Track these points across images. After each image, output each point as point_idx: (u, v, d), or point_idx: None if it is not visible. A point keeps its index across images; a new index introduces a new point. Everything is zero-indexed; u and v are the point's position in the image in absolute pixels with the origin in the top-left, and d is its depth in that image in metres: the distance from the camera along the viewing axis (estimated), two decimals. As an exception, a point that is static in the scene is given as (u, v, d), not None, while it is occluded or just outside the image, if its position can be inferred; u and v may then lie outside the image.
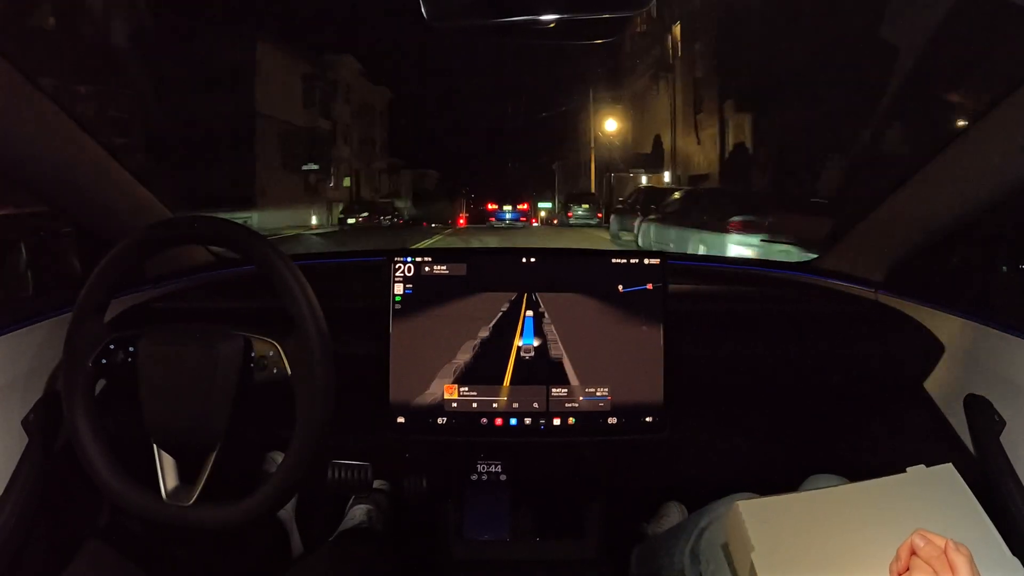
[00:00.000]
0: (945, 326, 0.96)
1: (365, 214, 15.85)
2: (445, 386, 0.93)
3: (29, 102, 0.76)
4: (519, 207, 13.68)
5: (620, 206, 10.30)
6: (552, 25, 0.64)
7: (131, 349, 0.75)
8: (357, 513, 1.22)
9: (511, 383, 0.94)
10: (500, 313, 0.94)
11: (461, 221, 14.85)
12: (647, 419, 0.94)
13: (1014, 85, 0.70)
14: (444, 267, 0.94)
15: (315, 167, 15.59)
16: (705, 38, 12.71)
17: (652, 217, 7.77)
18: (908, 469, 0.74)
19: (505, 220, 12.40)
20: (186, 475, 0.76)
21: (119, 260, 0.76)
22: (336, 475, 1.04)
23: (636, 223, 8.27)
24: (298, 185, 15.35)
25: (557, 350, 0.94)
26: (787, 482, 0.91)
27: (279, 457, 1.23)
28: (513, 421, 0.94)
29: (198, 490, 0.73)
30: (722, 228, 5.72)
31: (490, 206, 13.96)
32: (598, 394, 0.94)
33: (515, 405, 0.94)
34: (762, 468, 1.19)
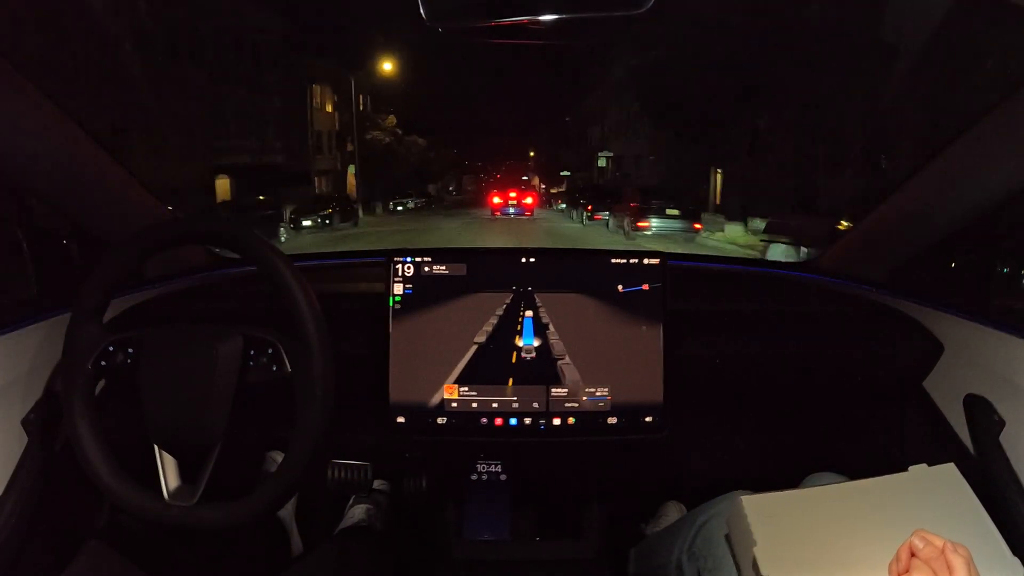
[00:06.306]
0: (944, 326, 0.96)
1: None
2: (445, 386, 0.93)
3: (29, 102, 0.76)
4: (524, 202, 14.95)
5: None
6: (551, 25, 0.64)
7: (130, 350, 0.75)
8: (357, 513, 1.22)
9: (511, 383, 0.94)
10: (500, 313, 0.94)
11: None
12: (647, 419, 0.94)
13: (1014, 85, 0.71)
14: (444, 267, 0.94)
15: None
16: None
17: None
18: (910, 468, 0.73)
19: (510, 215, 14.35)
20: (187, 475, 0.76)
21: (118, 261, 0.76)
22: (336, 475, 1.04)
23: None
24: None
25: (557, 350, 0.94)
26: (786, 481, 0.91)
27: (279, 457, 1.24)
28: (513, 421, 0.94)
29: (200, 490, 0.73)
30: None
31: (495, 200, 14.85)
32: (598, 394, 0.94)
33: (515, 405, 0.94)
34: (761, 468, 1.19)
